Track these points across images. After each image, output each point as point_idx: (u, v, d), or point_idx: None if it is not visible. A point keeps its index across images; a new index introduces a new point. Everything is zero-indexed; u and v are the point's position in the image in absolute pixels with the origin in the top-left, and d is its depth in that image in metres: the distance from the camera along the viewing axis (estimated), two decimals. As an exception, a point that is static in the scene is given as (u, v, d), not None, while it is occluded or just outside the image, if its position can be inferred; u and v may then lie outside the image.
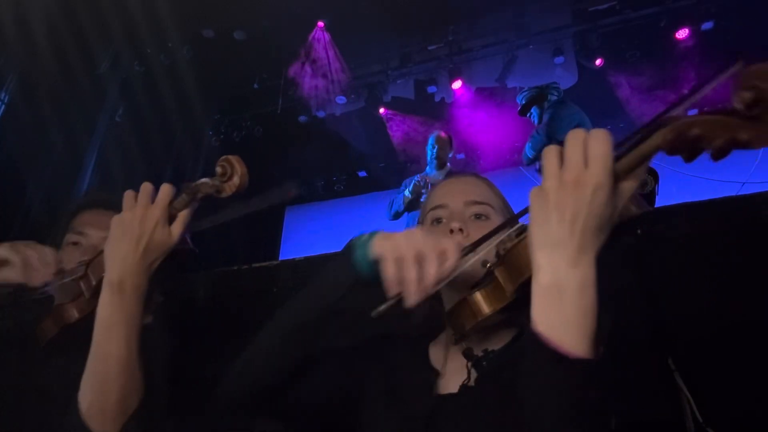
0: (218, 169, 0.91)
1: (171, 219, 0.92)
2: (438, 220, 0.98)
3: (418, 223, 1.07)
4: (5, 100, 4.36)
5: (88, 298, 0.95)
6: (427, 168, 3.91)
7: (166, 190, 0.92)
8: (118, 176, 4.86)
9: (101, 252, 0.94)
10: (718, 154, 0.51)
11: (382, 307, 0.71)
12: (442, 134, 3.92)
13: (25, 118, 4.30)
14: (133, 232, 0.87)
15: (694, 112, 0.57)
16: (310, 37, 5.75)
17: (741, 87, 0.49)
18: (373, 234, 0.77)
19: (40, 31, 4.15)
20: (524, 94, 3.94)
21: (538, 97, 3.87)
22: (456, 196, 0.99)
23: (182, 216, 0.93)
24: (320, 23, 5.68)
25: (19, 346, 1.03)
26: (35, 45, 4.13)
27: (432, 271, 0.69)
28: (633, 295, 1.32)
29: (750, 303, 1.28)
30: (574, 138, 0.61)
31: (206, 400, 0.89)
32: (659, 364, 1.24)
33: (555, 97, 3.83)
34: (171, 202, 0.91)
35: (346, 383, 0.90)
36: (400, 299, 0.70)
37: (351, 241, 0.80)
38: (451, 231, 0.92)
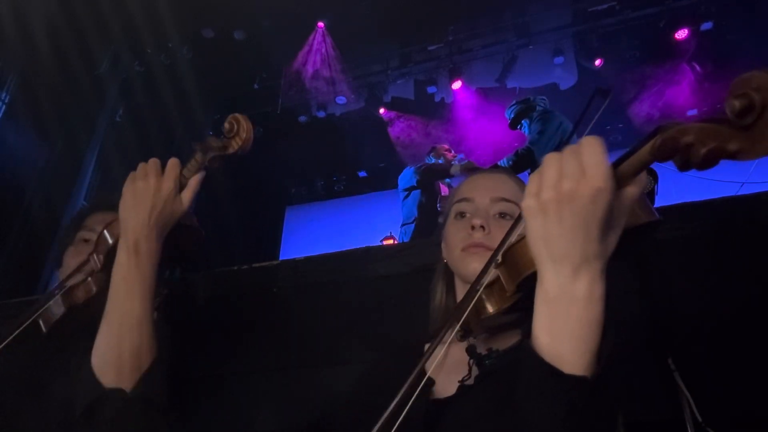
0: (226, 125, 0.94)
1: (181, 188, 0.94)
2: (461, 214, 0.97)
3: (441, 214, 1.05)
4: (5, 100, 4.36)
5: (100, 269, 0.98)
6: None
7: (174, 162, 0.95)
8: (118, 176, 4.86)
9: (107, 224, 0.99)
10: (703, 164, 0.49)
11: None
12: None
13: (25, 118, 4.30)
14: (146, 202, 0.89)
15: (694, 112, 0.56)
16: (310, 37, 5.75)
17: (731, 95, 0.46)
18: None
19: (40, 31, 4.15)
20: (512, 108, 3.94)
21: (525, 109, 3.85)
22: (483, 191, 0.97)
23: (192, 182, 0.95)
24: (320, 23, 5.68)
25: (22, 339, 1.04)
26: (35, 45, 4.14)
27: None
28: (633, 295, 1.32)
29: (749, 303, 1.28)
30: (570, 150, 0.59)
31: (205, 398, 0.88)
32: (659, 364, 1.24)
33: (542, 107, 3.78)
34: (180, 171, 0.94)
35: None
36: None
37: None
38: (473, 227, 0.91)
